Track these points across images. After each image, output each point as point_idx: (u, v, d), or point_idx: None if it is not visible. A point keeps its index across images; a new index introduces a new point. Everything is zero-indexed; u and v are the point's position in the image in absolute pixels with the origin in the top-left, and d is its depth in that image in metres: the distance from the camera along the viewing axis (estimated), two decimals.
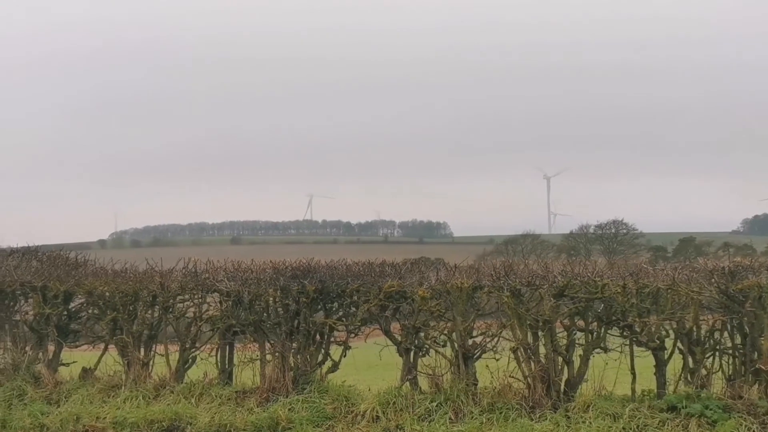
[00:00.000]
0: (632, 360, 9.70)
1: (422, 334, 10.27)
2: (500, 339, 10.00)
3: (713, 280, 9.45)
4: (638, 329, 9.55)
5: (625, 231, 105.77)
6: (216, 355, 11.22)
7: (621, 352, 9.74)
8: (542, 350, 9.74)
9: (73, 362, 12.13)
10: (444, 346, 10.19)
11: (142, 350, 11.52)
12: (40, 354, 12.19)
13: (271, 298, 10.85)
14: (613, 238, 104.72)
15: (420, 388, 10.15)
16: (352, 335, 10.69)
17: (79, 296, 12.19)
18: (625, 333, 9.70)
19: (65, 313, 12.25)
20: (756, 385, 9.19)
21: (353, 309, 10.68)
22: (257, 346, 11.03)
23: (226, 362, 11.22)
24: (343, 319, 10.74)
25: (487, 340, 10.02)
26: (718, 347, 9.50)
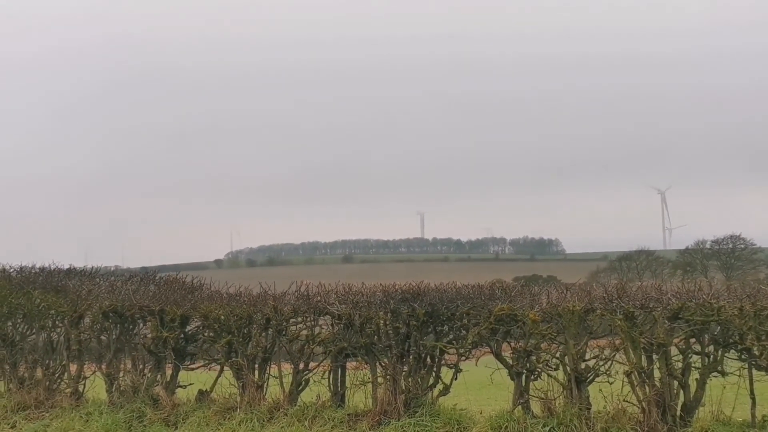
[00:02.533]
0: (751, 384, 9.45)
1: (533, 358, 10.21)
2: (613, 362, 9.87)
3: None
4: (757, 352, 9.31)
5: (743, 246, 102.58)
6: (328, 378, 11.35)
7: (740, 375, 9.51)
8: (657, 374, 9.58)
9: (190, 384, 12.43)
10: (556, 369, 10.11)
11: (257, 372, 11.73)
12: (158, 376, 12.53)
13: (382, 321, 10.94)
14: (731, 254, 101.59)
15: (532, 412, 10.09)
16: (463, 358, 10.68)
17: (195, 319, 12.51)
18: (743, 356, 9.47)
19: (182, 336, 12.57)
20: None
21: (463, 332, 10.68)
22: (369, 368, 11.13)
23: (338, 385, 11.34)
24: (454, 342, 10.75)
25: (600, 363, 9.90)
26: None
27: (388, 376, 10.80)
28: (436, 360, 10.83)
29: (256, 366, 11.77)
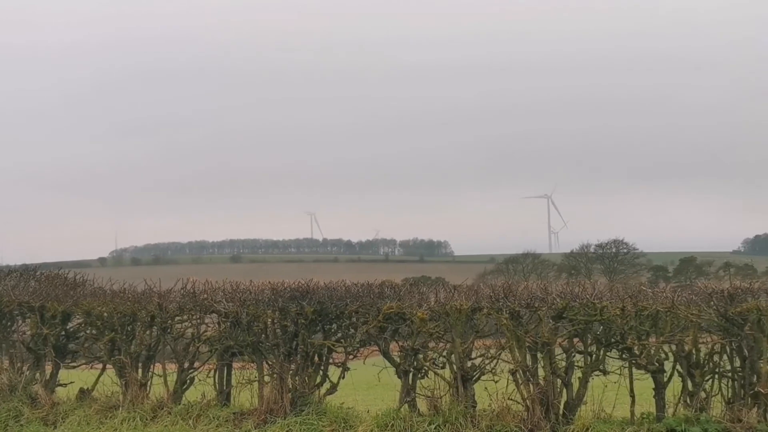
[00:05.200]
0: (631, 383, 9.68)
1: (421, 356, 10.24)
2: (499, 361, 9.98)
3: (712, 302, 9.45)
4: (637, 352, 9.53)
5: (625, 250, 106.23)
6: (214, 376, 11.18)
7: (620, 374, 9.73)
8: (541, 372, 9.73)
9: (71, 383, 12.10)
10: (443, 367, 10.16)
11: (140, 371, 11.49)
12: (38, 374, 12.15)
13: (270, 320, 10.82)
14: (614, 258, 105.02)
15: (419, 410, 10.11)
16: (351, 356, 10.65)
17: (77, 316, 12.17)
18: (624, 355, 9.69)
19: (63, 333, 12.23)
20: (755, 409, 9.17)
21: (352, 330, 10.65)
22: (255, 367, 11.00)
23: (224, 383, 11.18)
24: (342, 340, 10.71)
25: (486, 362, 10.00)
26: (717, 370, 9.48)
27: (274, 375, 10.68)
28: (324, 358, 10.76)
29: (140, 364, 11.52)
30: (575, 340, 9.83)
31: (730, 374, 9.47)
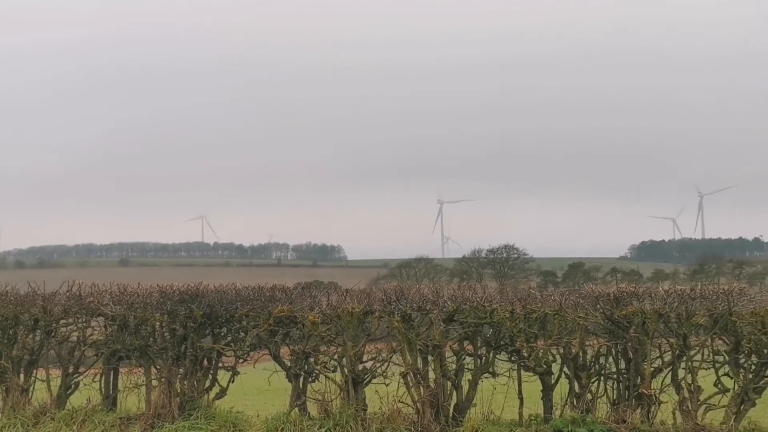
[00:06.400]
0: (520, 385, 9.83)
1: (312, 360, 10.18)
2: (390, 364, 9.99)
3: (599, 306, 9.63)
4: (526, 354, 9.66)
5: (516, 256, 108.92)
6: (100, 381, 10.91)
7: (509, 376, 9.86)
8: (432, 375, 9.77)
9: None
10: (334, 371, 10.13)
11: (22, 376, 11.13)
12: None
13: (158, 323, 10.62)
14: (505, 263, 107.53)
15: (309, 413, 10.06)
16: (241, 360, 10.52)
17: None
18: (513, 358, 9.83)
19: None
20: (639, 409, 9.39)
21: (242, 334, 10.53)
22: (143, 371, 10.78)
23: (111, 388, 10.92)
24: (232, 344, 10.57)
25: (378, 365, 10.00)
26: (603, 372, 9.69)
27: (163, 379, 10.48)
28: (214, 362, 10.61)
29: (22, 369, 11.15)
30: (465, 342, 9.92)
31: (615, 376, 9.68)
